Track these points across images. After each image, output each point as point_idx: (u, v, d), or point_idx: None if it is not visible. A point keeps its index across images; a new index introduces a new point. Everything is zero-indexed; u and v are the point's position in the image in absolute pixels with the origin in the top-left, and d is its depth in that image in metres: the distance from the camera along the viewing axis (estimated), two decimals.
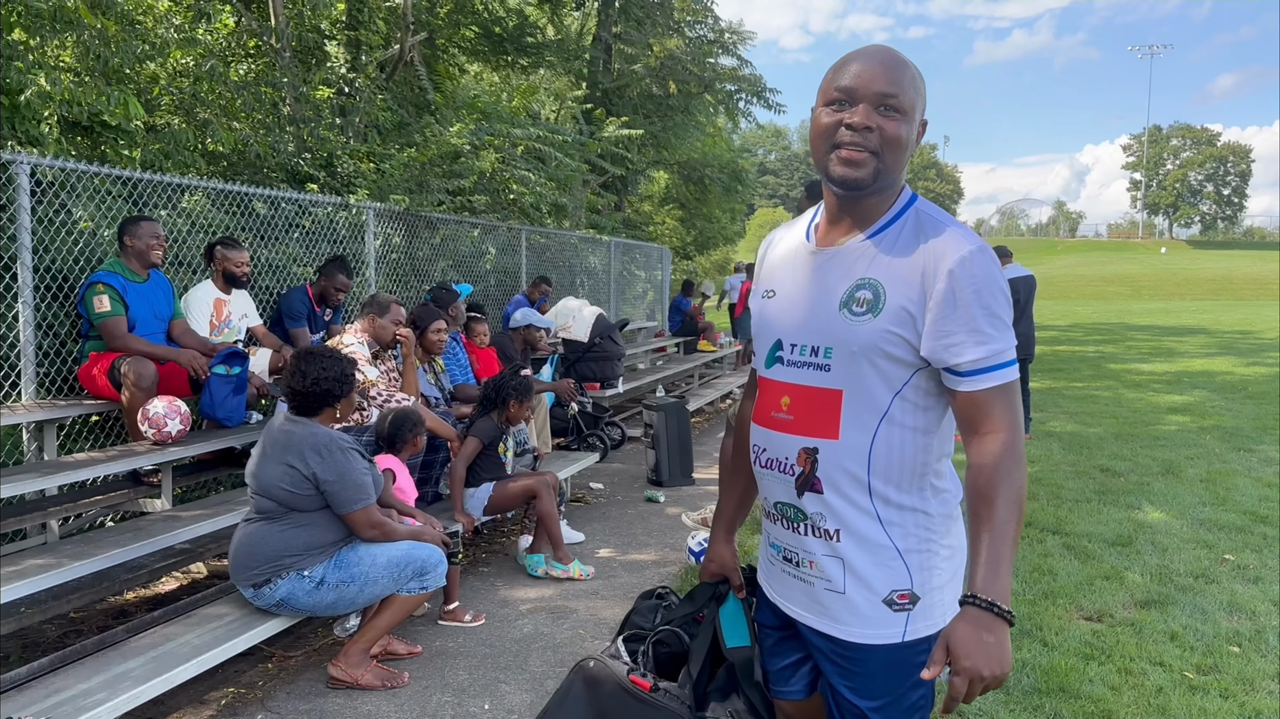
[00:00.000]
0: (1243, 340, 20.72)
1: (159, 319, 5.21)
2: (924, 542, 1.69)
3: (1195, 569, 5.01)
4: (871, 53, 1.63)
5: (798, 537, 1.75)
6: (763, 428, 1.79)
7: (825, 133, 1.64)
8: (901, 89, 1.59)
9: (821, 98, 1.66)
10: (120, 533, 3.93)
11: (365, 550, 3.50)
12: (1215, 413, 10.36)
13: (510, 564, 5.29)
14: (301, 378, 3.45)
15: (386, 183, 8.68)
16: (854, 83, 1.60)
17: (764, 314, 1.83)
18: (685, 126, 18.70)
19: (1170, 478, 7.18)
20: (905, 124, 1.61)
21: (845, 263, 1.68)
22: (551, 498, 5.06)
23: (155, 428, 4.55)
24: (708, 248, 39.87)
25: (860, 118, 1.59)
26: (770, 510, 1.81)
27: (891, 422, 1.64)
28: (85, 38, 6.80)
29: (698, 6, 18.49)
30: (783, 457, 1.73)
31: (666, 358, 13.54)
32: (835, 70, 1.65)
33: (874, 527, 1.67)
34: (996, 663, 1.44)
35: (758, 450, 1.81)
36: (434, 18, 14.40)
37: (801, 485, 1.71)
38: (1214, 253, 75.82)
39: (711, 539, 2.10)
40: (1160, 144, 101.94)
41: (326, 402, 3.56)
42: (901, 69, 1.61)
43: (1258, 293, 46.19)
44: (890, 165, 1.62)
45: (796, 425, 1.71)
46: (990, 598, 1.48)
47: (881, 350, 1.61)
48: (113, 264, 5.02)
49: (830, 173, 1.64)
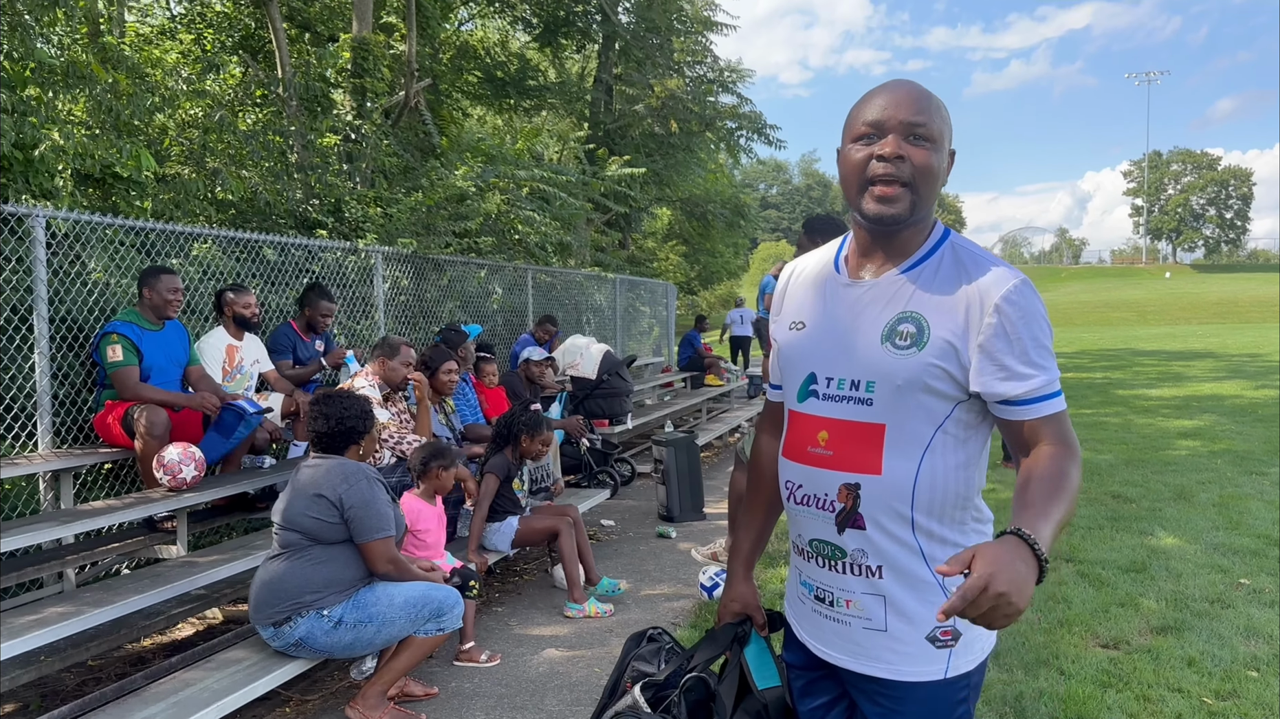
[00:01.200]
0: (1251, 363, 20.69)
1: (176, 365, 5.27)
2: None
3: (1210, 594, 4.99)
4: (894, 85, 1.63)
5: (836, 575, 1.71)
6: (798, 463, 1.74)
7: (856, 168, 1.62)
8: (929, 116, 1.58)
9: (848, 135, 1.65)
10: (138, 580, 3.96)
11: (383, 590, 3.52)
12: (1225, 437, 10.33)
13: (524, 602, 5.30)
14: (325, 420, 3.52)
15: (394, 226, 8.80)
16: (880, 115, 1.59)
17: (794, 346, 1.79)
18: (687, 164, 18.91)
19: (1182, 503, 7.16)
20: (935, 152, 1.60)
21: (884, 296, 1.67)
22: (572, 537, 5.15)
23: (170, 474, 4.58)
24: (712, 282, 40.04)
25: (891, 148, 1.57)
26: (804, 548, 1.76)
27: (934, 455, 1.63)
28: (97, 92, 6.92)
29: (697, 48, 18.75)
30: (822, 493, 1.69)
31: (674, 393, 13.57)
32: (860, 106, 1.64)
33: (918, 562, 1.65)
34: (1017, 587, 1.26)
35: (791, 487, 1.76)
36: (437, 64, 14.64)
37: (843, 522, 1.67)
38: (1219, 276, 75.86)
39: (730, 578, 2.03)
40: (1161, 169, 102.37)
41: (351, 439, 3.64)
42: (926, 98, 1.61)
43: (1264, 315, 46.14)
44: (924, 197, 1.61)
45: (837, 460, 1.67)
46: (1033, 535, 1.35)
47: (926, 384, 1.59)
48: (128, 313, 5.09)
49: (865, 211, 1.63)
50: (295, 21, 12.52)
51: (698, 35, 18.44)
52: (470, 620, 4.42)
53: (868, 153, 1.61)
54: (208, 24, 12.23)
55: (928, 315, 1.61)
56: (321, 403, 3.56)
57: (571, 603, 5.07)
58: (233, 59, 11.44)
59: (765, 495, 2.00)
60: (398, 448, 4.81)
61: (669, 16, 17.07)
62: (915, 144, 1.59)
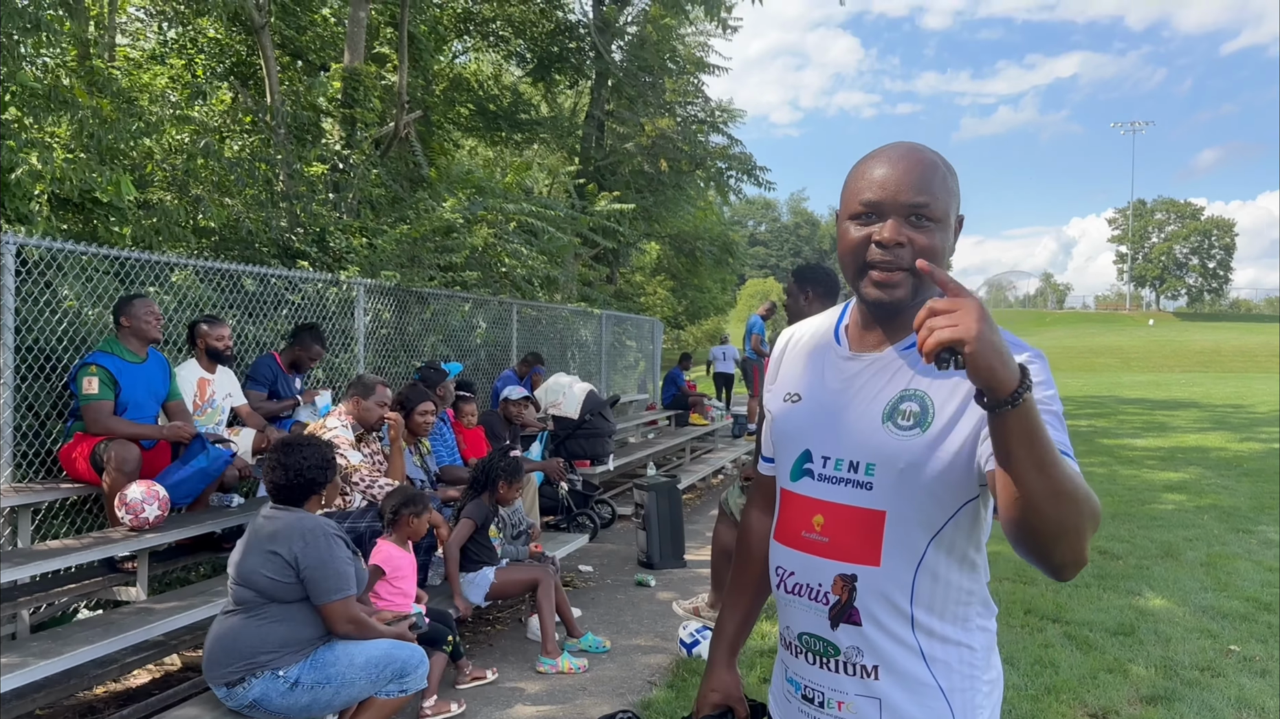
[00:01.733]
0: (1235, 414, 20.72)
1: (155, 400, 5.13)
2: (967, 678, 1.54)
3: (1200, 661, 4.87)
4: (896, 157, 1.49)
5: (827, 673, 1.57)
6: (790, 548, 1.61)
7: (854, 250, 1.50)
8: (933, 195, 1.46)
9: (845, 209, 1.53)
10: (91, 628, 3.79)
11: (343, 650, 3.36)
12: (1212, 491, 10.27)
13: (495, 654, 5.13)
14: (284, 471, 3.36)
15: (378, 258, 8.68)
16: (880, 195, 1.47)
17: (789, 420, 1.66)
18: (677, 201, 18.92)
19: (1170, 561, 7.06)
20: (940, 232, 1.48)
21: (886, 372, 1.54)
22: (550, 591, 5.02)
23: (133, 513, 4.43)
24: (699, 317, 40.06)
25: (890, 233, 1.45)
26: (792, 641, 1.63)
27: (938, 548, 1.50)
28: (80, 116, 6.81)
29: (689, 88, 18.83)
30: (815, 583, 1.56)
31: (658, 431, 13.44)
32: (858, 179, 1.51)
33: (917, 663, 1.51)
34: (976, 329, 1.15)
35: (782, 573, 1.63)
36: (430, 95, 14.62)
37: (837, 616, 1.54)
38: (1201, 324, 76.47)
39: (711, 664, 1.89)
40: (1145, 217, 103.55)
41: (311, 490, 3.48)
42: (931, 172, 1.47)
43: (1246, 365, 46.45)
44: (927, 279, 1.47)
45: (833, 549, 1.53)
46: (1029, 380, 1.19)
47: (931, 469, 1.46)
48: (110, 344, 4.95)
49: (864, 295, 1.51)
50: (287, 49, 12.48)
51: (690, 76, 18.52)
52: (436, 677, 4.25)
53: (865, 234, 1.49)
54: (199, 49, 12.17)
55: (932, 394, 1.48)
56: (280, 451, 3.42)
57: (544, 657, 4.90)
58: (223, 85, 11.37)
59: (753, 576, 1.87)
60: (369, 491, 4.66)
61: (662, 56, 17.14)
62: (918, 227, 1.46)
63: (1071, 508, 1.24)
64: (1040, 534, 1.26)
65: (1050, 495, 1.22)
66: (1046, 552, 1.28)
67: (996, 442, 1.24)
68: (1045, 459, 1.22)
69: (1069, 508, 1.23)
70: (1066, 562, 1.29)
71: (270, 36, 10.41)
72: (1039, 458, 1.22)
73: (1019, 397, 1.18)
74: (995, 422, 1.22)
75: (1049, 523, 1.24)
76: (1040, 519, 1.24)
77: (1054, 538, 1.26)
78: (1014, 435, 1.21)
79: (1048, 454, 1.22)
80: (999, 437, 1.23)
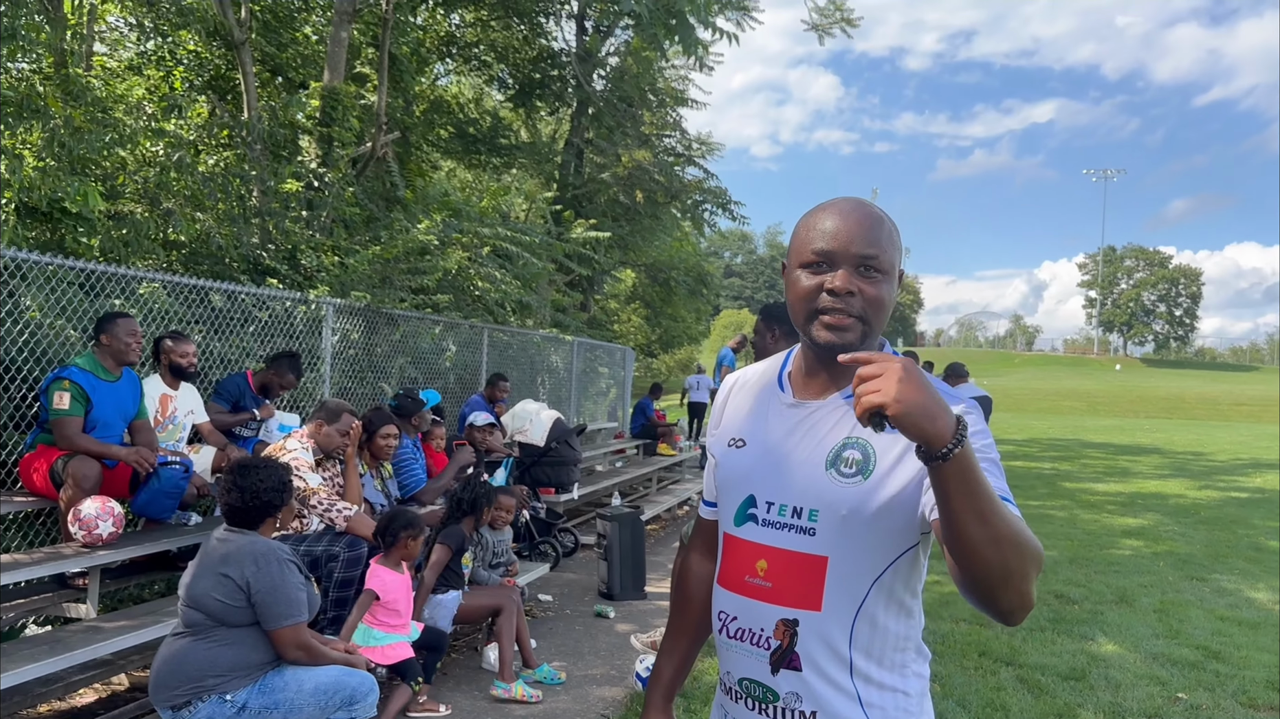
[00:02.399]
0: (1195, 462, 21.01)
1: (123, 419, 5.07)
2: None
3: (1148, 708, 4.93)
4: (847, 210, 1.54)
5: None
6: (733, 593, 1.62)
7: (805, 298, 1.54)
8: (881, 248, 1.51)
9: (795, 258, 1.57)
10: (37, 645, 3.73)
11: (292, 675, 3.34)
12: (1168, 538, 10.40)
13: (449, 683, 5.09)
14: (240, 493, 3.34)
15: (350, 277, 8.66)
16: (832, 245, 1.51)
17: (733, 465, 1.68)
18: (653, 231, 19.03)
19: (1124, 607, 7.14)
20: (887, 284, 1.53)
21: (829, 419, 1.58)
22: (513, 618, 5.04)
23: (86, 529, 4.38)
24: (672, 346, 40.23)
25: (841, 283, 1.50)
26: (732, 686, 1.63)
27: (878, 593, 1.53)
28: (52, 126, 6.78)
29: (668, 121, 19.00)
30: (758, 628, 1.57)
31: (625, 459, 13.43)
32: (809, 228, 1.56)
33: (854, 709, 1.54)
34: (898, 387, 1.22)
35: (725, 618, 1.64)
36: (409, 116, 14.64)
37: (778, 661, 1.56)
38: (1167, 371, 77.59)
39: (647, 708, 1.88)
40: (1115, 264, 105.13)
41: (266, 513, 3.46)
42: (878, 226, 1.53)
43: (1209, 413, 47.12)
44: (874, 328, 1.54)
45: (775, 594, 1.56)
46: (963, 431, 1.24)
47: (873, 516, 1.50)
48: (87, 359, 4.90)
49: (815, 338, 1.54)
50: (267, 65, 12.48)
51: (669, 109, 18.68)
52: (396, 708, 4.21)
53: (817, 283, 1.53)
54: (178, 61, 12.14)
55: (875, 443, 1.52)
56: (236, 473, 3.39)
57: (499, 682, 4.88)
58: (200, 99, 11.35)
59: (691, 619, 1.88)
60: (327, 514, 4.63)
61: (641, 88, 17.28)
62: (867, 277, 1.51)
63: (1014, 553, 1.27)
64: (984, 581, 1.29)
65: (991, 542, 1.26)
66: (992, 597, 1.31)
67: (937, 492, 1.28)
68: (985, 509, 1.25)
69: (1011, 554, 1.27)
70: (1014, 607, 1.32)
71: (250, 52, 10.40)
72: (979, 508, 1.25)
73: (951, 450, 1.22)
74: (933, 473, 1.26)
75: (993, 569, 1.27)
76: (984, 566, 1.27)
77: (998, 583, 1.29)
78: (952, 486, 1.25)
79: (987, 503, 1.26)
80: (939, 487, 1.27)
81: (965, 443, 1.24)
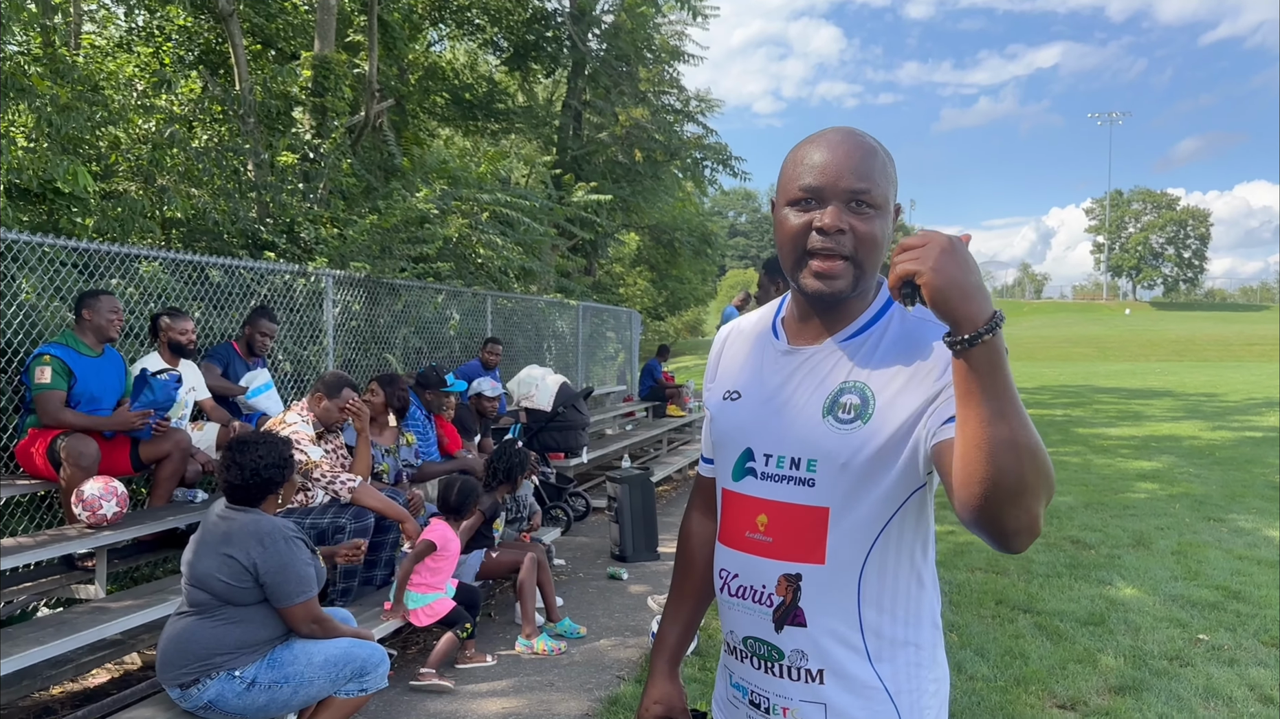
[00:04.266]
0: (1208, 403, 20.89)
1: (111, 394, 5.03)
2: (913, 679, 1.49)
3: (1169, 651, 4.88)
4: (836, 141, 1.44)
5: (772, 678, 1.52)
6: (733, 549, 1.56)
7: (794, 237, 1.44)
8: (873, 181, 1.41)
9: (783, 195, 1.47)
10: (43, 628, 3.70)
11: (301, 648, 3.29)
12: (1184, 480, 10.33)
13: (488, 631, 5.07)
14: (239, 470, 3.28)
15: (349, 249, 8.57)
16: (820, 180, 1.41)
17: (728, 418, 1.60)
18: (654, 191, 18.81)
19: (1141, 550, 7.09)
20: (880, 219, 1.43)
21: (825, 364, 1.50)
22: (533, 574, 5.26)
23: (89, 510, 4.34)
24: (679, 308, 40.06)
25: (831, 219, 1.40)
26: (736, 646, 1.57)
27: (885, 543, 1.45)
28: (37, 105, 6.67)
29: (665, 78, 18.72)
30: (759, 584, 1.51)
31: (635, 423, 13.39)
32: (796, 163, 1.46)
33: (862, 665, 1.47)
34: (937, 259, 1.19)
35: (726, 576, 1.58)
36: (404, 84, 14.46)
37: (781, 618, 1.49)
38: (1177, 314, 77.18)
39: (652, 674, 1.81)
40: (1122, 208, 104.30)
41: (268, 490, 3.39)
42: (870, 158, 1.43)
43: (1220, 354, 46.90)
44: (867, 269, 1.44)
45: (776, 549, 1.49)
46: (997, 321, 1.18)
47: (874, 463, 1.42)
48: (66, 336, 4.87)
49: (803, 286, 1.46)
50: (257, 37, 12.30)
51: (666, 65, 18.40)
52: (443, 652, 4.55)
53: (805, 221, 1.43)
54: (166, 37, 11.97)
55: (872, 384, 1.44)
56: (235, 449, 3.33)
57: (523, 639, 5.08)
58: (191, 74, 11.19)
59: (695, 583, 1.81)
60: (330, 487, 4.58)
61: (637, 45, 17.02)
62: (858, 213, 1.42)
63: (1031, 464, 1.18)
64: (995, 494, 1.19)
65: (1010, 446, 1.17)
66: (1000, 515, 1.20)
67: (959, 388, 1.20)
68: (1008, 408, 1.17)
69: (1028, 463, 1.17)
70: (1020, 527, 1.21)
71: (239, 24, 10.24)
72: (1002, 407, 1.17)
73: (982, 334, 1.16)
74: (959, 364, 1.19)
75: (1007, 478, 1.17)
76: (999, 473, 1.18)
77: (1009, 497, 1.18)
78: (978, 378, 1.17)
79: (1010, 404, 1.18)
80: (961, 381, 1.20)
81: (998, 333, 1.17)
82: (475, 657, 4.77)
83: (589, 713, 4.23)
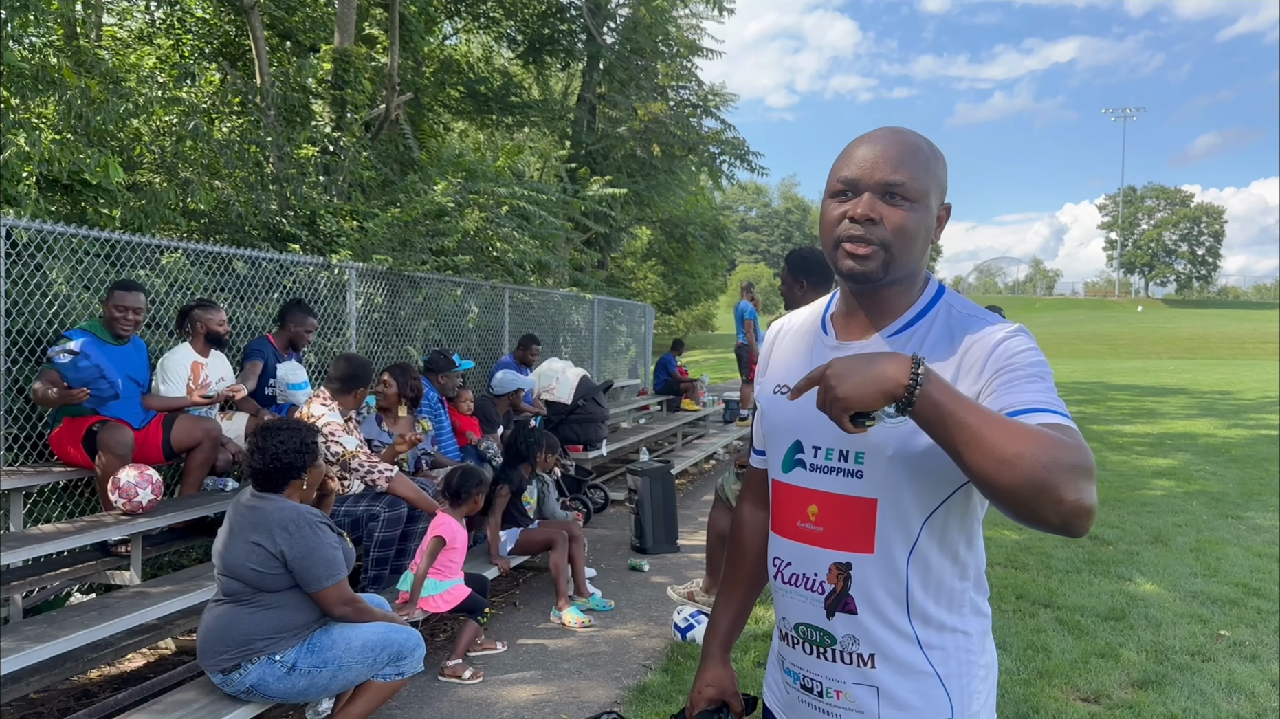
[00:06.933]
0: (1222, 401, 20.84)
1: (136, 384, 5.10)
2: (963, 664, 1.54)
3: (1191, 646, 4.91)
4: (878, 137, 1.51)
5: (824, 663, 1.58)
6: (786, 539, 1.61)
7: (830, 226, 1.52)
8: (910, 175, 1.46)
9: (827, 189, 1.55)
10: (85, 612, 3.77)
11: (339, 633, 3.35)
12: (1200, 477, 10.33)
13: (513, 618, 5.14)
14: (261, 455, 3.33)
15: (369, 241, 8.63)
16: (857, 172, 1.48)
17: (780, 412, 1.65)
18: (669, 185, 18.80)
19: (1159, 547, 7.11)
20: (915, 212, 1.47)
21: None
22: (565, 550, 5.53)
23: (125, 497, 4.41)
24: (690, 303, 40.07)
25: (863, 209, 1.46)
26: (789, 632, 1.63)
27: (931, 533, 1.50)
28: (68, 97, 6.74)
29: (683, 72, 18.71)
30: (811, 572, 1.56)
31: (649, 416, 13.44)
32: (841, 158, 1.53)
33: (913, 651, 1.52)
34: (842, 374, 1.28)
35: (780, 564, 1.63)
36: (420, 77, 14.50)
37: (832, 605, 1.54)
38: (1190, 311, 76.77)
39: (705, 658, 1.88)
40: (1135, 204, 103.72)
41: (291, 475, 3.43)
42: (910, 153, 1.48)
43: (1234, 352, 46.69)
44: (901, 258, 1.49)
45: (827, 538, 1.54)
46: (926, 368, 1.26)
47: (919, 455, 1.46)
48: (92, 324, 4.95)
49: (839, 266, 1.52)
50: (276, 30, 12.36)
51: (683, 59, 18.39)
52: (467, 641, 4.61)
53: (841, 211, 1.51)
54: (186, 30, 12.04)
55: None
56: (259, 435, 3.38)
57: (556, 609, 5.44)
58: (211, 66, 11.26)
59: (747, 571, 1.86)
60: (368, 477, 4.64)
61: (654, 39, 17.03)
62: (891, 204, 1.47)
63: (1034, 466, 1.20)
64: (1016, 502, 1.23)
65: (1000, 464, 1.21)
66: (1036, 514, 1.23)
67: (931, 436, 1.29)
68: (973, 435, 1.23)
69: (1031, 468, 1.20)
70: (1065, 516, 1.22)
71: (259, 17, 10.31)
72: (966, 435, 1.24)
73: (913, 389, 1.25)
74: (917, 422, 1.28)
75: (1018, 488, 1.21)
76: (1007, 487, 1.22)
77: (1031, 500, 1.21)
78: (931, 424, 1.26)
79: (974, 431, 1.23)
80: (928, 432, 1.29)
81: (928, 380, 1.25)
82: (485, 644, 4.89)
83: (618, 700, 4.28)
